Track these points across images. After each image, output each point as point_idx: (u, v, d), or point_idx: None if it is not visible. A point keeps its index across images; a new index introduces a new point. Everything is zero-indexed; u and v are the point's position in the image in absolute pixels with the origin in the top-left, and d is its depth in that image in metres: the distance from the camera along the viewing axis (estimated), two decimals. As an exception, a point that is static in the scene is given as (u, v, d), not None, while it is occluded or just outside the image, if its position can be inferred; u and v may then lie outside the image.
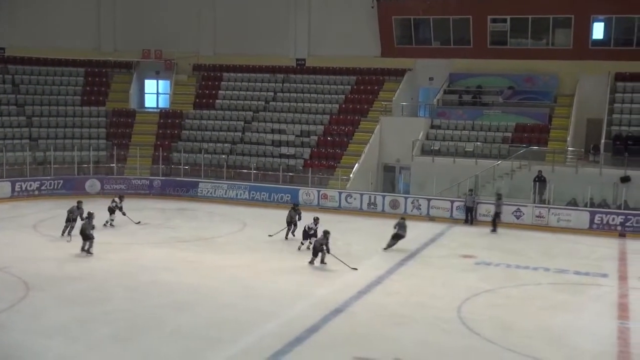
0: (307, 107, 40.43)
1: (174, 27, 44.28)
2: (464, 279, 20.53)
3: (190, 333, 14.90)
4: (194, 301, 17.33)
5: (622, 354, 14.61)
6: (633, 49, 37.47)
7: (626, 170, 31.10)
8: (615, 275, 21.67)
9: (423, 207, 31.25)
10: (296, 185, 34.17)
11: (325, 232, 21.32)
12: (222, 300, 17.57)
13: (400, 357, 13.74)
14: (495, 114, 37.13)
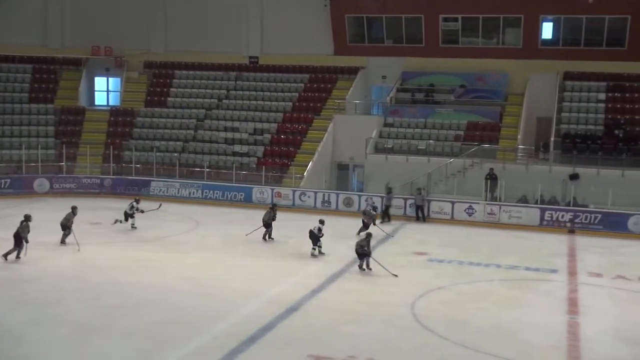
0: (261, 105, 40.25)
1: (124, 23, 43.61)
2: (418, 276, 20.66)
3: (144, 333, 14.69)
4: (148, 301, 17.09)
5: (572, 347, 14.85)
6: (581, 48, 38.23)
7: (575, 167, 31.72)
8: (565, 271, 22.06)
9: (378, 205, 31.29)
10: (250, 183, 33.98)
11: (368, 235, 21.18)
12: (176, 299, 17.36)
13: (354, 355, 13.73)
14: (448, 112, 37.48)
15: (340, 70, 41.64)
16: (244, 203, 32.87)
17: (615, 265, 22.97)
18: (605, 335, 15.78)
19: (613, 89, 37.14)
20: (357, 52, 41.30)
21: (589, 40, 38.20)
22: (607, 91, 37.03)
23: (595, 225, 28.91)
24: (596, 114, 35.85)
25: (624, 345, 15.09)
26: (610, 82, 37.50)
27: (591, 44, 38.15)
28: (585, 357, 14.31)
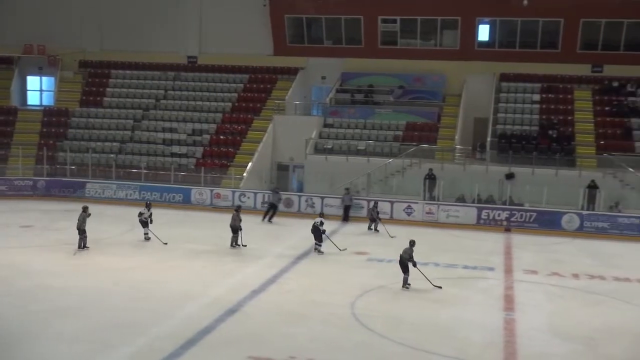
0: (199, 106, 39.83)
1: (58, 22, 42.64)
2: (358, 275, 20.69)
3: (79, 337, 14.29)
4: (83, 305, 16.64)
5: (508, 344, 15.05)
6: (516, 50, 39.06)
7: (510, 167, 32.38)
8: (501, 269, 22.40)
9: (317, 205, 31.36)
10: (188, 184, 33.56)
11: (412, 243, 19.48)
12: (112, 302, 16.95)
13: (294, 355, 13.64)
14: (387, 112, 37.77)
15: (280, 71, 41.55)
16: (182, 204, 32.45)
17: (549, 263, 23.46)
18: (540, 331, 16.05)
19: (547, 90, 38.04)
20: (296, 52, 41.27)
21: (524, 42, 39.09)
22: (542, 92, 37.92)
23: (530, 223, 29.51)
24: (531, 114, 36.64)
25: (558, 341, 15.38)
26: (544, 84, 38.42)
27: (526, 46, 39.04)
28: (521, 353, 14.51)
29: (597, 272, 22.17)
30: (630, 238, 28.23)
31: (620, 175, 31.44)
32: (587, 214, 29.35)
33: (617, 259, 24.60)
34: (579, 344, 15.19)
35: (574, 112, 36.53)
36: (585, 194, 30.48)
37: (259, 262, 21.86)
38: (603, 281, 21.15)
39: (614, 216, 29.19)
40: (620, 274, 22.08)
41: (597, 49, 38.46)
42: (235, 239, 23.85)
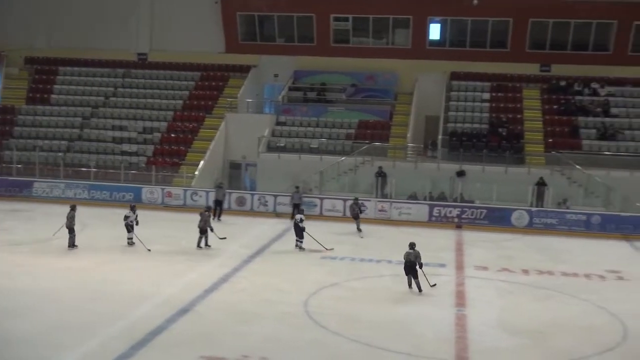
0: (150, 103, 39.35)
1: (3, 17, 41.66)
2: (311, 273, 20.67)
3: (28, 340, 13.95)
4: (32, 306, 16.23)
5: (459, 339, 15.21)
6: (466, 49, 39.53)
7: (461, 165, 32.75)
8: (452, 265, 22.64)
9: (270, 203, 31.26)
10: (139, 183, 33.08)
11: (413, 245, 18.97)
12: (62, 304, 16.61)
13: (247, 355, 13.56)
14: (339, 111, 37.86)
15: (232, 69, 41.30)
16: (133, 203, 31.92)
17: (499, 259, 23.78)
18: (491, 326, 16.27)
19: (497, 89, 38.60)
20: (248, 50, 41.08)
21: (474, 41, 39.60)
22: (491, 91, 38.45)
23: (481, 220, 29.89)
24: (481, 113, 37.11)
25: (508, 335, 15.60)
26: (494, 82, 38.97)
27: (476, 45, 39.56)
28: (473, 348, 14.68)
29: (546, 268, 22.56)
30: (578, 234, 28.81)
31: (568, 172, 32.07)
32: (536, 210, 29.86)
33: (565, 255, 25.09)
34: (528, 338, 15.44)
35: (523, 110, 37.14)
36: (534, 191, 31.00)
37: (212, 261, 21.69)
38: (551, 276, 21.53)
39: (562, 213, 29.76)
40: (568, 269, 22.52)
41: (545, 49, 39.18)
42: (201, 240, 23.44)
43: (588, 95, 37.43)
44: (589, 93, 37.51)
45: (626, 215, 29.21)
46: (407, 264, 18.76)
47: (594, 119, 35.80)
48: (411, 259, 18.62)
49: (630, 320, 16.90)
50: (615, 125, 35.24)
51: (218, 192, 30.11)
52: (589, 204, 30.96)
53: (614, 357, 14.51)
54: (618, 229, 28.88)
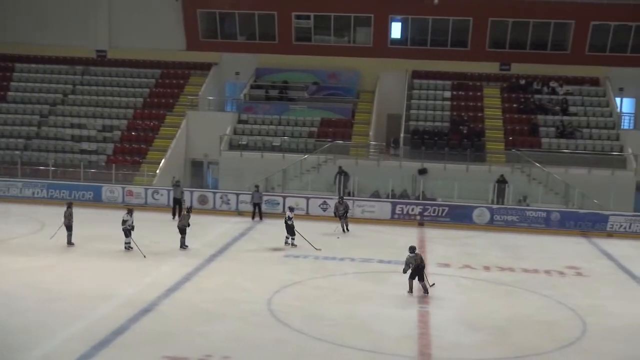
0: (110, 101, 38.85)
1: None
2: (274, 272, 20.60)
3: (-18, 342, 13.68)
4: (-14, 308, 15.93)
5: (422, 336, 15.32)
6: (428, 48, 39.77)
7: (423, 163, 32.96)
8: (415, 262, 22.73)
9: (232, 202, 31.08)
10: (99, 182, 32.61)
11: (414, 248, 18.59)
12: (19, 304, 16.27)
13: (210, 354, 13.45)
14: (301, 109, 37.81)
15: (193, 66, 40.97)
16: (93, 202, 31.50)
17: (461, 256, 23.99)
18: (453, 322, 16.40)
19: (457, 88, 38.94)
20: (209, 47, 40.78)
21: (435, 40, 39.85)
22: (452, 89, 38.78)
23: (442, 217, 30.10)
24: (442, 111, 37.38)
25: (470, 331, 15.73)
26: (455, 81, 39.31)
27: (437, 44, 39.82)
28: (435, 344, 14.78)
29: (507, 264, 22.82)
30: (538, 231, 29.18)
31: (528, 170, 32.49)
32: (497, 207, 30.17)
33: (526, 251, 25.39)
34: (489, 333, 15.61)
35: (483, 108, 37.52)
36: (495, 188, 31.33)
37: (174, 261, 21.48)
38: (512, 273, 21.79)
39: (522, 210, 30.12)
40: (528, 265, 22.80)
41: (504, 48, 39.61)
42: (184, 240, 23.16)
43: (547, 93, 37.97)
44: (547, 92, 38.05)
45: (584, 212, 29.68)
46: (414, 267, 18.29)
47: (553, 117, 36.34)
48: (418, 262, 18.26)
49: (589, 316, 17.19)
50: (574, 123, 35.81)
51: (175, 190, 29.79)
52: (548, 201, 31.39)
53: (573, 352, 14.73)
54: (577, 226, 29.34)
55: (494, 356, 14.24)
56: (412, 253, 18.30)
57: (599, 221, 29.24)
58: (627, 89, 38.88)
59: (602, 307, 18.20)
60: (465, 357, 14.09)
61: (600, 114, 36.64)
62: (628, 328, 16.52)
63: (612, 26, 38.30)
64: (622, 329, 16.42)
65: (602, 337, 15.74)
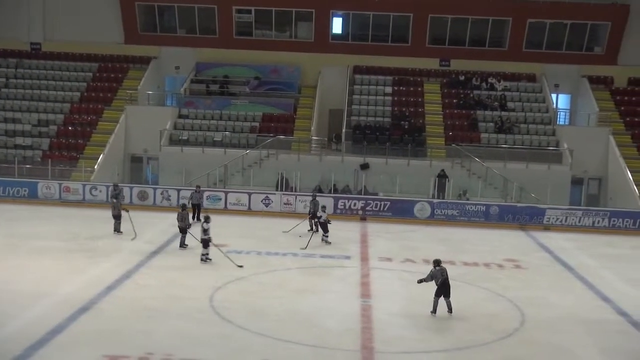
0: (45, 95, 37.88)
1: None
2: (217, 268, 20.39)
3: None
4: None
5: (365, 330, 15.40)
6: (369, 44, 39.96)
7: (365, 157, 33.15)
8: (357, 257, 22.86)
9: (173, 198, 30.67)
10: (35, 178, 31.75)
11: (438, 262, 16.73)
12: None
13: (152, 352, 13.24)
14: (243, 104, 37.57)
15: (132, 60, 40.30)
16: (28, 199, 30.68)
17: (403, 250, 24.19)
18: (395, 316, 16.52)
19: (399, 83, 39.25)
20: (148, 41, 40.15)
21: (376, 36, 40.10)
22: (394, 85, 39.07)
23: (384, 212, 30.30)
24: (384, 106, 37.65)
25: (412, 325, 15.89)
26: (396, 77, 39.61)
27: (378, 39, 40.07)
28: (378, 338, 14.88)
29: (448, 258, 22.97)
30: (477, 224, 29.66)
31: (468, 164, 32.97)
32: (437, 202, 30.53)
33: (466, 245, 25.76)
34: (431, 326, 15.84)
35: (424, 104, 37.94)
36: (436, 183, 31.71)
37: (114, 258, 21.06)
38: (453, 266, 21.97)
39: (462, 204, 30.56)
40: (468, 258, 23.15)
41: (444, 44, 40.12)
42: (184, 239, 22.82)
43: (485, 89, 38.62)
44: (486, 88, 38.71)
45: (522, 206, 30.30)
46: (441, 283, 16.39)
47: (492, 112, 36.98)
48: (445, 276, 16.43)
49: (527, 308, 17.56)
50: (512, 119, 36.52)
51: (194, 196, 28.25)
52: (487, 195, 31.98)
53: (512, 343, 15.03)
54: (515, 219, 29.92)
55: (436, 348, 14.42)
56: (438, 266, 16.49)
57: (536, 215, 29.89)
58: (562, 85, 39.84)
59: (540, 299, 18.61)
60: (408, 350, 14.21)
61: (537, 110, 37.46)
62: (565, 318, 16.93)
63: (547, 24, 39.18)
64: (559, 319, 16.81)
65: (540, 328, 16.09)
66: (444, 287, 16.39)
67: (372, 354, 13.94)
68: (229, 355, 13.37)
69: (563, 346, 14.95)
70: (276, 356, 13.47)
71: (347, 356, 13.80)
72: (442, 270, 16.47)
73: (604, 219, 29.73)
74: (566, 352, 14.59)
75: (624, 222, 29.68)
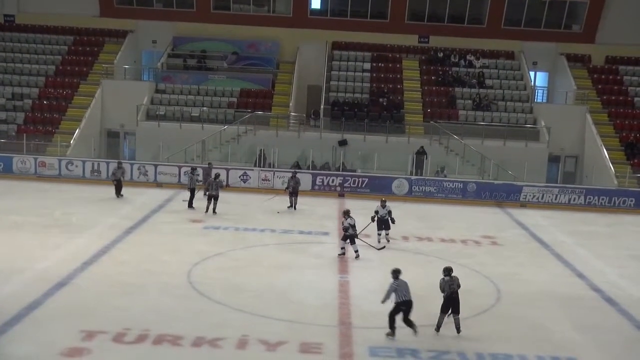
0: (19, 68, 37.32)
1: None
2: (194, 244, 20.35)
3: None
4: None
5: (342, 305, 15.48)
6: (347, 19, 39.78)
7: (343, 134, 33.09)
8: (335, 233, 22.78)
9: (150, 173, 30.48)
10: (9, 152, 31.35)
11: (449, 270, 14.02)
12: None
13: (129, 327, 13.20)
14: (220, 79, 37.30)
15: (108, 33, 39.79)
16: (3, 174, 30.32)
17: (381, 226, 24.22)
18: (373, 292, 16.44)
19: (377, 59, 39.13)
20: (125, 14, 39.65)
21: (355, 12, 39.91)
22: (372, 61, 38.96)
23: (362, 188, 30.36)
24: (362, 82, 37.57)
25: (389, 300, 15.89)
26: (374, 53, 39.49)
27: (357, 15, 39.88)
28: (355, 313, 14.95)
29: (425, 235, 23.24)
30: (454, 201, 29.84)
31: (445, 141, 33.04)
32: (415, 179, 30.62)
33: (443, 221, 25.91)
34: (409, 302, 15.85)
35: (402, 81, 37.90)
36: (414, 159, 31.77)
37: (90, 233, 20.92)
38: (430, 242, 22.21)
39: (440, 181, 30.68)
40: (445, 235, 23.30)
41: (423, 21, 40.01)
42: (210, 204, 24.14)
43: (464, 67, 38.65)
44: (464, 65, 38.74)
45: (499, 183, 30.50)
46: (448, 296, 13.89)
47: (470, 90, 37.04)
48: (455, 289, 13.89)
49: (502, 283, 17.74)
50: (490, 96, 36.61)
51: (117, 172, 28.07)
52: (465, 172, 32.13)
53: (487, 318, 15.18)
54: (492, 197, 30.13)
55: (413, 324, 14.49)
56: (448, 276, 13.92)
57: (513, 192, 30.12)
58: (540, 63, 40.02)
59: (516, 275, 18.81)
60: (384, 326, 14.25)
61: (515, 87, 37.59)
62: (540, 294, 17.12)
63: (526, 1, 39.18)
64: (534, 294, 17.01)
65: (516, 303, 16.27)
66: (450, 301, 13.81)
67: (349, 329, 14.01)
68: (206, 331, 13.35)
69: (538, 322, 15.11)
70: (254, 331, 13.48)
71: (325, 331, 13.85)
72: (451, 280, 13.87)
73: (580, 197, 30.04)
74: (541, 328, 14.75)
75: (599, 200, 30.01)
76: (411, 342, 13.36)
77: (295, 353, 12.73)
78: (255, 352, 12.67)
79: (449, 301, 13.83)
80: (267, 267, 18.35)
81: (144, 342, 12.75)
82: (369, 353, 12.91)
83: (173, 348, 12.62)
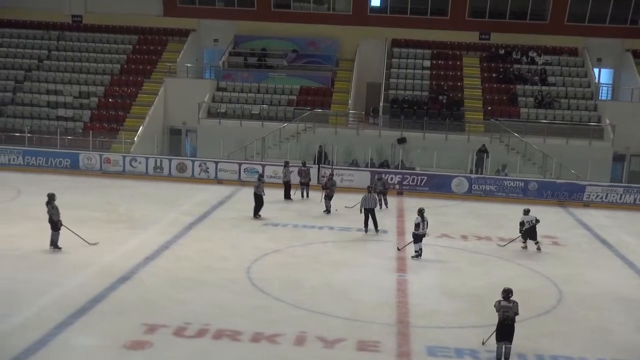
0: (86, 67, 38.30)
1: None
2: (253, 240, 20.58)
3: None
4: (-38, 276, 15.78)
5: (401, 304, 15.43)
6: (407, 16, 39.56)
7: (402, 132, 32.96)
8: (394, 231, 22.85)
9: (211, 170, 30.95)
10: (76, 149, 32.26)
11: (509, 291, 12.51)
12: (-5, 273, 16.17)
13: (190, 322, 13.47)
14: (280, 77, 37.59)
15: (171, 32, 40.50)
16: (70, 170, 31.20)
17: (439, 225, 23.95)
18: (431, 290, 16.54)
19: (437, 57, 38.86)
20: (187, 13, 40.30)
21: (414, 9, 39.68)
22: (432, 58, 38.70)
23: (421, 187, 30.18)
24: (422, 80, 37.34)
25: (447, 299, 15.87)
26: (434, 50, 39.23)
27: (416, 12, 39.65)
28: (413, 312, 14.90)
29: (484, 234, 23.00)
30: (515, 200, 29.33)
31: (506, 139, 32.60)
32: (475, 177, 30.31)
33: (503, 221, 25.53)
34: (466, 301, 15.75)
35: (462, 78, 37.53)
36: (474, 158, 31.44)
37: (152, 229, 21.38)
38: (489, 242, 21.96)
39: (500, 179, 30.27)
40: (505, 234, 22.94)
41: (484, 17, 39.53)
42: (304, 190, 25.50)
43: (526, 63, 38.05)
44: (526, 61, 38.13)
45: (561, 182, 29.91)
46: (505, 323, 12.35)
47: (532, 87, 36.45)
48: (510, 316, 12.37)
49: (564, 285, 17.43)
50: (552, 93, 35.96)
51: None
52: (526, 171, 31.63)
53: (549, 320, 14.94)
54: (554, 196, 29.57)
55: (471, 324, 14.38)
56: (507, 300, 12.44)
57: (575, 191, 29.50)
58: (605, 60, 39.07)
59: (578, 276, 18.46)
60: (443, 325, 14.22)
61: (579, 85, 36.82)
62: (602, 296, 16.78)
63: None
64: (596, 296, 16.68)
65: (577, 305, 15.98)
66: (503, 328, 12.32)
67: (407, 328, 13.98)
68: (265, 326, 13.53)
69: (600, 324, 14.84)
70: (312, 328, 13.59)
71: (383, 329, 13.87)
72: (509, 306, 12.33)
73: (646, 197, 29.28)
74: (603, 330, 14.47)
75: (666, 200, 29.20)
76: (470, 342, 13.26)
77: (353, 351, 12.78)
78: (313, 348, 12.78)
79: (501, 328, 12.35)
80: (325, 264, 18.44)
81: (204, 337, 12.98)
82: (426, 352, 12.87)
83: (232, 343, 12.82)
